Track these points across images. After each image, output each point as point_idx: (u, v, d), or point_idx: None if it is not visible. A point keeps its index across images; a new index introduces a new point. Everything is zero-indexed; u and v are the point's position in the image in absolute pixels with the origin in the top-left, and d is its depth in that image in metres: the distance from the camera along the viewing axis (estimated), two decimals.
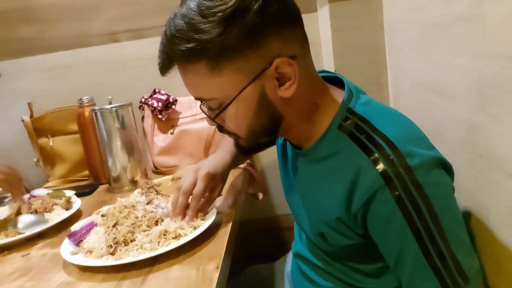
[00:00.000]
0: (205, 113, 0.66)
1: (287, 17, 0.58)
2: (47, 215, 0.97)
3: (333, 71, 1.26)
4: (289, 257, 1.00)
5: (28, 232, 0.90)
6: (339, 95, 0.65)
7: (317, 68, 0.69)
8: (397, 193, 0.54)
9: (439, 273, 0.54)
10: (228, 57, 0.55)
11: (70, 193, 1.09)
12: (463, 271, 0.54)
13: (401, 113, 0.67)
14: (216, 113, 0.62)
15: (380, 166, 0.55)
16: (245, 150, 0.68)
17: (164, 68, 0.60)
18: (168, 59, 0.59)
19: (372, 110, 0.63)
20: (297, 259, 0.85)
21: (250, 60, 0.56)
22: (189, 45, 0.55)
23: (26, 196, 1.08)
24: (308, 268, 0.80)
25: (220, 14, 0.53)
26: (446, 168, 0.60)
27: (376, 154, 0.56)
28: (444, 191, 0.57)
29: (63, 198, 1.04)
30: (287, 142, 0.75)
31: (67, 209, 1.02)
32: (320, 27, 1.41)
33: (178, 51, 0.56)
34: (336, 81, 0.71)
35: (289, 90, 0.59)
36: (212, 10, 0.54)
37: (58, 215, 0.98)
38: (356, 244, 0.64)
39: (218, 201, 0.95)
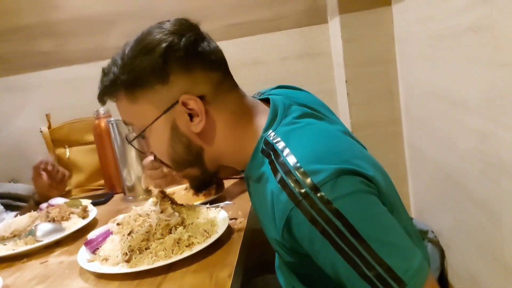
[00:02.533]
0: (130, 141, 0.73)
1: (198, 62, 0.65)
2: (64, 224, 1.00)
3: (344, 81, 1.27)
4: None
5: (46, 240, 0.92)
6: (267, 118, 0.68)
7: (325, 79, 0.70)
8: (308, 213, 0.54)
9: (371, 282, 0.53)
10: (140, 88, 0.64)
11: (86, 202, 1.11)
12: (397, 275, 0.52)
13: (328, 128, 0.67)
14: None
15: (287, 190, 0.56)
16: (193, 187, 0.74)
17: (100, 99, 0.70)
18: (101, 92, 0.69)
19: (292, 131, 0.63)
20: (278, 273, 0.85)
21: (160, 94, 0.64)
22: (110, 78, 0.66)
23: (44, 205, 1.11)
24: (284, 282, 0.81)
25: (136, 51, 0.64)
26: (365, 177, 0.57)
27: (284, 178, 0.57)
28: (357, 200, 0.55)
29: (80, 207, 1.07)
30: None
31: (83, 217, 1.04)
32: (331, 38, 1.43)
33: (104, 84, 0.67)
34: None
35: (198, 125, 0.65)
36: (131, 49, 0.65)
37: (74, 223, 1.00)
38: (304, 262, 0.64)
39: (230, 210, 0.96)
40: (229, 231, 0.84)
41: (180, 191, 1.15)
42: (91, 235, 0.86)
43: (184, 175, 0.72)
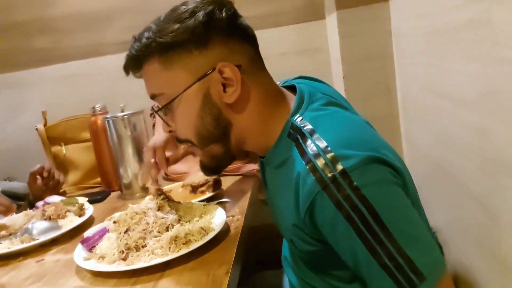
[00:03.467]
0: (157, 111, 0.69)
1: (236, 32, 0.65)
2: (60, 222, 0.99)
3: (342, 77, 1.27)
4: None
5: (42, 238, 0.92)
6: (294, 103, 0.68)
7: (322, 75, 0.72)
8: (335, 197, 0.54)
9: (391, 273, 0.53)
10: (176, 53, 0.63)
11: (82, 200, 1.11)
12: (417, 268, 0.53)
13: (354, 117, 0.68)
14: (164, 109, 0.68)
15: (315, 173, 0.56)
16: (208, 168, 0.72)
17: (126, 69, 0.68)
18: (129, 60, 0.67)
19: (319, 117, 0.64)
20: (284, 265, 0.85)
21: (196, 60, 0.63)
22: (144, 42, 0.64)
23: (40, 203, 1.10)
24: (293, 274, 0.80)
25: (173, 17, 0.64)
26: (393, 167, 0.58)
27: (312, 161, 0.57)
28: (385, 189, 0.56)
29: (76, 205, 1.06)
30: None
31: (80, 215, 1.03)
32: (328, 34, 1.42)
33: (135, 50, 0.65)
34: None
35: (232, 96, 0.64)
36: (167, 16, 0.65)
37: (71, 221, 1.00)
38: (320, 251, 0.64)
39: (228, 207, 0.96)
40: (226, 229, 0.83)
41: (177, 189, 1.14)
42: (88, 233, 0.86)
43: (205, 152, 0.69)
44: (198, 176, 1.11)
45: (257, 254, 1.38)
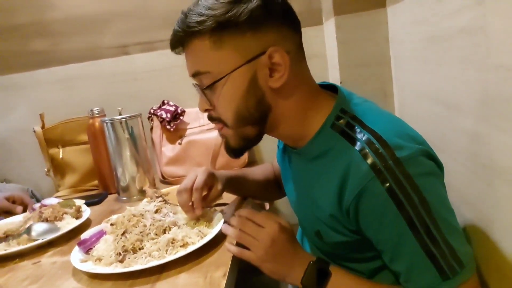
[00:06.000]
0: (201, 90, 0.67)
1: (288, 20, 0.66)
2: (57, 224, 0.99)
3: (339, 83, 1.28)
4: None
5: (39, 240, 0.92)
6: (333, 99, 0.69)
7: (319, 81, 0.74)
8: (387, 184, 0.56)
9: (435, 260, 0.56)
10: (229, 33, 0.62)
11: (80, 202, 1.11)
12: (458, 256, 0.56)
13: (394, 115, 0.71)
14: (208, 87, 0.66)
15: (370, 160, 0.58)
16: (234, 150, 0.71)
17: (173, 44, 0.66)
18: (178, 34, 0.65)
19: (364, 109, 0.66)
20: None
21: (248, 42, 0.63)
22: (197, 19, 0.62)
23: (37, 204, 1.10)
24: None
25: None
26: (436, 163, 0.62)
27: (366, 148, 0.59)
28: (434, 181, 0.59)
29: (73, 207, 1.06)
30: (285, 145, 0.78)
31: (77, 218, 1.03)
32: (326, 40, 1.43)
33: (187, 24, 0.63)
34: (332, 89, 0.75)
35: (278, 81, 0.64)
36: None
37: (68, 223, 1.00)
38: (350, 242, 0.65)
39: (226, 210, 0.96)
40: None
41: (175, 192, 1.14)
42: (85, 235, 0.86)
43: (238, 133, 0.69)
44: None
45: None
